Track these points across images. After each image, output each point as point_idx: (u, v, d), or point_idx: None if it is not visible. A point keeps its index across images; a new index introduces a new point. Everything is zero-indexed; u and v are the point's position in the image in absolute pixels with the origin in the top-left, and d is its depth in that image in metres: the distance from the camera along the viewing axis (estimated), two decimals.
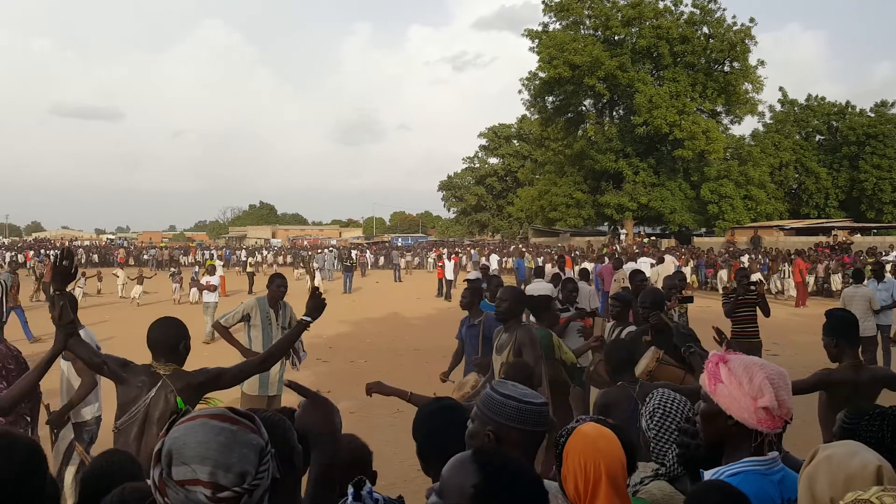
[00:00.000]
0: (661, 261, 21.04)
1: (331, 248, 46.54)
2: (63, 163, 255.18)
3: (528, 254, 32.94)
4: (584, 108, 48.69)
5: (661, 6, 45.18)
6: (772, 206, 46.64)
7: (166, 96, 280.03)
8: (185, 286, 23.41)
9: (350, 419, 8.19)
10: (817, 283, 24.03)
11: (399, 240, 67.06)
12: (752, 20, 43.84)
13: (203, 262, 34.41)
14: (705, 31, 44.91)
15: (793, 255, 25.41)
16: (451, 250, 37.56)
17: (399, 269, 36.66)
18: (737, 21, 44.29)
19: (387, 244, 59.57)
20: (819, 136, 54.17)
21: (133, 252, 53.30)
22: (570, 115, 48.18)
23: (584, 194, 46.48)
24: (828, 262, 24.82)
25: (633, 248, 36.13)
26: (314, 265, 30.83)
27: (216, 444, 1.27)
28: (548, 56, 44.02)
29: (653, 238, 44.69)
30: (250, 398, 6.13)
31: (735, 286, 8.92)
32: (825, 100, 53.98)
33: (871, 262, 15.54)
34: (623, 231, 46.67)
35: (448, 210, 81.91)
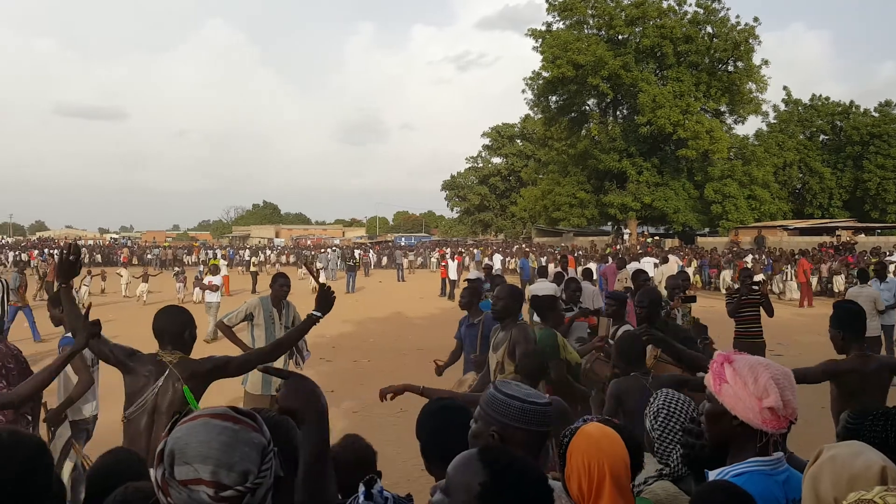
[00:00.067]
0: (664, 261, 21.04)
1: (334, 248, 46.55)
2: (67, 162, 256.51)
3: (532, 254, 32.92)
4: (587, 107, 48.62)
5: (664, 6, 45.08)
6: (775, 206, 46.52)
7: (170, 96, 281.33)
8: (188, 285, 23.46)
9: (353, 419, 8.21)
10: (821, 283, 23.98)
11: (402, 239, 67.02)
12: (755, 20, 43.76)
13: (207, 262, 34.45)
14: (709, 30, 44.79)
15: (797, 256, 25.36)
16: (454, 250, 37.53)
17: (402, 269, 36.65)
18: (740, 21, 44.17)
19: (390, 244, 59.56)
20: (823, 136, 53.98)
21: (136, 251, 53.48)
22: (573, 114, 48.11)
23: (587, 194, 46.42)
24: (831, 262, 24.77)
25: (637, 247, 36.05)
26: (318, 265, 30.83)
27: (218, 444, 1.28)
28: (551, 55, 43.97)
29: (656, 238, 44.60)
30: (253, 397, 6.15)
31: (738, 286, 8.91)
32: (829, 99, 53.79)
33: (875, 261, 15.50)
34: (626, 231, 46.61)
35: (451, 210, 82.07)
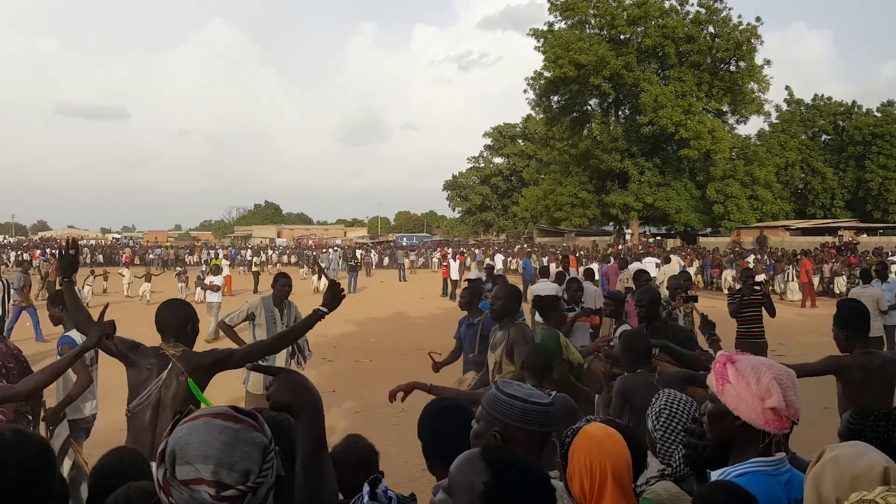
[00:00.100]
0: (666, 261, 21.09)
1: (336, 248, 46.57)
2: (69, 162, 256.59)
3: (535, 254, 32.89)
4: (589, 107, 48.57)
5: (666, 5, 45.02)
6: (777, 206, 46.46)
7: (172, 96, 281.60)
8: (190, 285, 23.49)
9: (355, 419, 8.21)
10: (822, 283, 23.95)
11: (404, 239, 66.99)
12: (758, 19, 43.70)
13: (209, 262, 34.49)
14: (711, 30, 44.74)
15: (799, 256, 25.33)
16: (456, 250, 37.54)
17: (404, 269, 36.64)
18: (742, 20, 44.04)
19: (391, 244, 59.53)
20: (825, 136, 53.92)
21: (138, 251, 53.54)
22: (575, 114, 48.06)
23: (589, 194, 46.36)
24: (832, 263, 24.74)
25: (639, 248, 36.04)
26: (322, 264, 30.84)
27: (219, 443, 1.28)
28: (553, 55, 43.94)
29: (658, 238, 44.52)
30: (255, 397, 6.15)
31: (740, 286, 8.90)
32: (831, 99, 53.74)
33: (876, 261, 15.48)
34: (628, 231, 46.59)
35: (453, 210, 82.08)
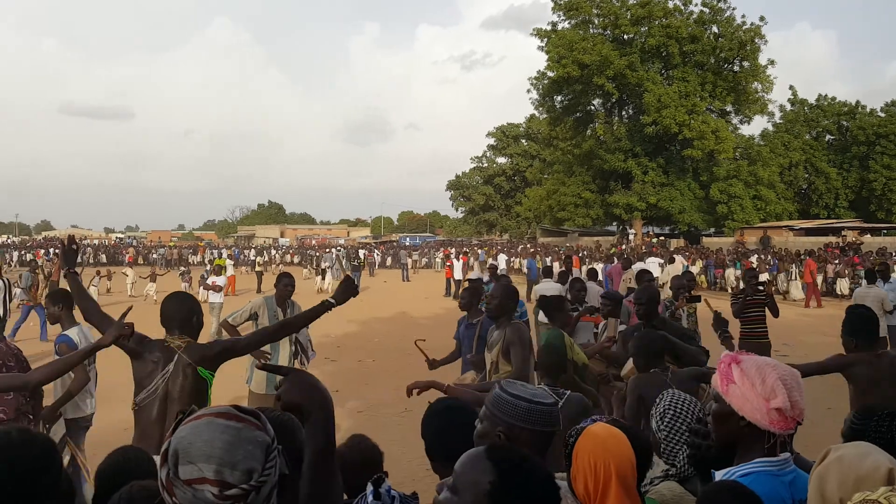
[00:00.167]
0: (670, 261, 21.05)
1: (339, 248, 46.60)
2: (72, 162, 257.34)
3: (539, 254, 32.86)
4: (592, 107, 48.58)
5: (670, 5, 45.02)
6: (781, 207, 46.42)
7: (175, 96, 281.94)
8: (193, 285, 23.53)
9: (358, 418, 8.22)
10: (826, 283, 23.90)
11: (407, 239, 66.97)
12: (761, 19, 43.85)
13: (212, 262, 34.54)
14: (715, 30, 44.73)
15: (802, 256, 25.28)
16: (459, 250, 37.52)
17: (407, 269, 36.61)
18: (746, 20, 44.11)
19: (395, 244, 59.54)
20: (829, 136, 53.87)
21: (142, 251, 53.63)
22: (578, 114, 48.07)
23: (592, 194, 46.36)
24: (836, 263, 24.69)
25: (642, 248, 36.03)
26: (323, 264, 30.86)
27: (221, 443, 1.27)
28: (556, 55, 43.95)
29: (662, 238, 44.52)
30: (258, 396, 6.15)
31: (743, 286, 8.89)
32: (835, 99, 53.70)
33: (878, 262, 15.45)
34: (632, 231, 46.57)
35: (456, 210, 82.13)
